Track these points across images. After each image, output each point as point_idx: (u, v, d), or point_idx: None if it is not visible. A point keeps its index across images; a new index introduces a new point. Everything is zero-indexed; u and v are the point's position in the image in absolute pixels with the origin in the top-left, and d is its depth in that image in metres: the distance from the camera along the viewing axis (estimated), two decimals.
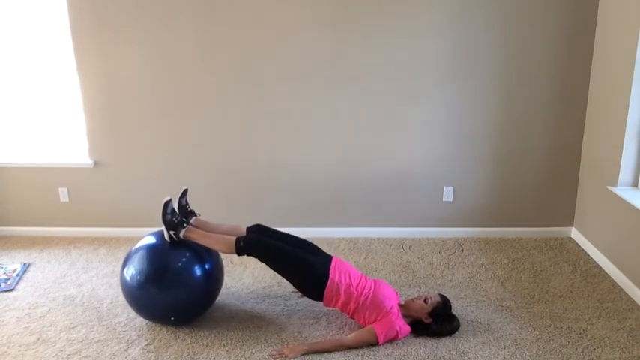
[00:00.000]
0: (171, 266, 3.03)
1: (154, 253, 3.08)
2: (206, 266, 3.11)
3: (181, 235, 3.08)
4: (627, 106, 3.53)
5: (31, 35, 4.08)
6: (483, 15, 3.94)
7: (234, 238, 3.07)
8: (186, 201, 3.28)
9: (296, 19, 3.96)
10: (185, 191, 3.29)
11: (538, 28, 3.97)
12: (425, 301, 3.06)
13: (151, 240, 3.13)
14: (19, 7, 4.02)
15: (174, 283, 3.01)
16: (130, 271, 3.02)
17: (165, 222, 3.06)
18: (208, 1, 3.92)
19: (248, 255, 3.06)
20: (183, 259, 3.06)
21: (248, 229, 3.27)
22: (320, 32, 3.98)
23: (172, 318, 3.11)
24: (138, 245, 3.12)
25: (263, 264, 3.91)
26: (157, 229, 3.22)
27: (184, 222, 3.14)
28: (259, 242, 3.09)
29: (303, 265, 3.07)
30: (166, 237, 3.08)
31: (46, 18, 4.03)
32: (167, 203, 3.08)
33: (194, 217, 3.27)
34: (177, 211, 3.16)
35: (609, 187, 3.72)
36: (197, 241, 3.11)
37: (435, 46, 4.00)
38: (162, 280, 3.00)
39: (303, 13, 3.95)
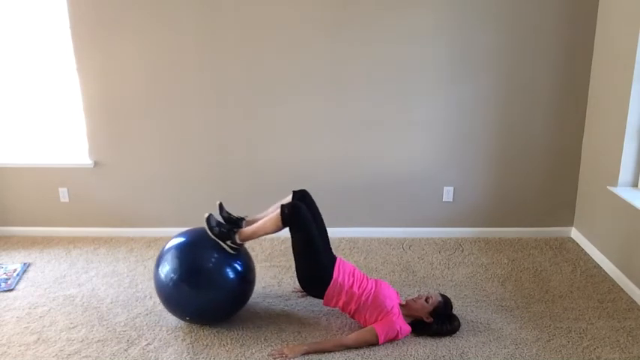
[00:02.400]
0: (206, 266, 3.02)
1: (194, 251, 3.05)
2: (239, 269, 3.09)
3: (238, 240, 3.06)
4: (627, 106, 3.53)
5: (31, 35, 4.08)
6: (483, 15, 3.94)
7: (279, 210, 3.02)
8: (227, 212, 3.23)
9: (296, 20, 3.96)
10: (220, 205, 3.23)
11: (538, 29, 3.97)
12: (426, 300, 3.06)
13: (188, 239, 3.10)
14: (19, 7, 4.02)
15: (210, 283, 3.00)
16: (165, 269, 3.00)
17: (216, 236, 3.02)
18: (208, 1, 3.93)
19: (290, 225, 3.01)
20: (214, 260, 3.04)
21: (295, 192, 3.23)
22: (320, 32, 3.99)
23: (187, 318, 3.12)
24: (170, 244, 3.09)
25: (262, 264, 3.93)
26: (156, 229, 3.21)
27: (234, 228, 3.10)
28: (301, 217, 3.01)
29: (315, 260, 3.06)
30: (227, 249, 3.04)
31: (46, 18, 4.03)
32: (208, 218, 3.05)
33: (244, 221, 3.22)
34: (226, 224, 3.11)
35: (609, 187, 3.72)
36: (253, 238, 3.09)
37: (434, 46, 4.01)
38: (199, 280, 2.99)
39: (303, 14, 3.95)
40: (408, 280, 3.74)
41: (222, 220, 3.18)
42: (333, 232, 4.38)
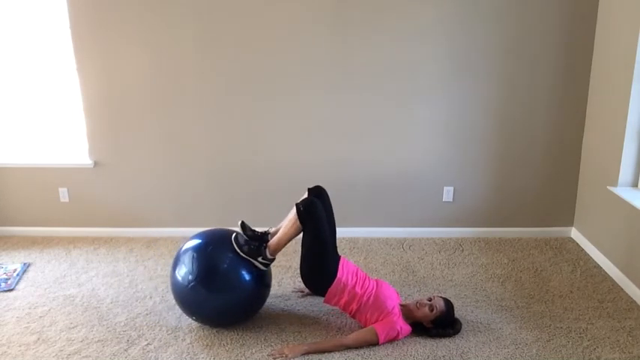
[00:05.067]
0: (221, 269, 3.01)
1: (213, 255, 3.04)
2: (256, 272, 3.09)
3: (269, 255, 3.07)
4: (627, 106, 3.53)
5: (31, 35, 4.08)
6: (483, 15, 3.94)
7: (294, 210, 3.03)
8: (250, 229, 3.20)
9: (296, 20, 3.96)
10: (242, 224, 3.20)
11: (538, 29, 3.97)
12: (431, 309, 3.03)
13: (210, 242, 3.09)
14: (19, 7, 4.02)
15: (228, 286, 3.01)
16: (182, 271, 2.99)
17: (246, 254, 3.02)
18: (209, 2, 3.93)
19: (304, 222, 3.01)
20: (231, 263, 3.03)
21: (310, 190, 3.23)
22: (320, 32, 3.99)
23: (194, 317, 3.12)
24: (187, 246, 3.08)
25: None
26: (156, 229, 3.21)
27: (263, 244, 3.10)
28: (316, 213, 3.01)
29: (321, 257, 3.06)
30: (259, 266, 3.05)
31: (46, 18, 4.03)
32: (236, 237, 3.05)
33: (269, 234, 3.20)
34: (251, 241, 3.11)
35: (609, 187, 3.72)
36: (281, 247, 3.09)
37: (435, 46, 4.00)
38: (216, 283, 2.99)
39: (304, 14, 3.95)
40: (408, 280, 3.74)
41: (249, 238, 3.14)
42: None
